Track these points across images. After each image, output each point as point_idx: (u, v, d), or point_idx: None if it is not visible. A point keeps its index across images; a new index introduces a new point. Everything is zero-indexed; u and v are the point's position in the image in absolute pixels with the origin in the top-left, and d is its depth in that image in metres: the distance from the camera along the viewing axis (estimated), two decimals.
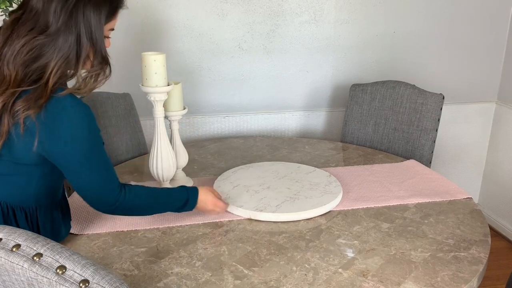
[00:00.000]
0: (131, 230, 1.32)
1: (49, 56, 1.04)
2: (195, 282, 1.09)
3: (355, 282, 1.08)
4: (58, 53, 1.04)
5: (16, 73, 1.03)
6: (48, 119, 1.03)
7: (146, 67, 1.36)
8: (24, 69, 1.03)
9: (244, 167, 1.71)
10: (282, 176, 1.61)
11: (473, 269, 1.14)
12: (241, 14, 2.22)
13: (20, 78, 1.03)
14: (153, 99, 1.40)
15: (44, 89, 1.03)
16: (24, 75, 1.03)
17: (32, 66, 1.03)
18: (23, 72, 1.03)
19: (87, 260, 0.76)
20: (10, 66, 1.02)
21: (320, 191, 1.49)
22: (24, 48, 1.02)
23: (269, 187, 1.52)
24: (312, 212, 1.38)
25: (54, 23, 1.04)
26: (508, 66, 2.55)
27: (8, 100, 1.02)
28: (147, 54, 1.37)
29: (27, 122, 1.02)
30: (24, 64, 1.03)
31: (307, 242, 1.26)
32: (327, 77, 2.40)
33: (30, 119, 1.01)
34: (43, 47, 1.03)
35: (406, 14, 2.37)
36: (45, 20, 1.04)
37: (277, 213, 1.36)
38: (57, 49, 1.04)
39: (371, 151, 2.00)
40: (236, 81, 2.32)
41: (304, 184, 1.54)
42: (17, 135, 1.04)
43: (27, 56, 1.03)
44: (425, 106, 2.04)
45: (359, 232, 1.31)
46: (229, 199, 1.43)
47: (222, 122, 2.37)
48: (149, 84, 1.37)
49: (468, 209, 1.45)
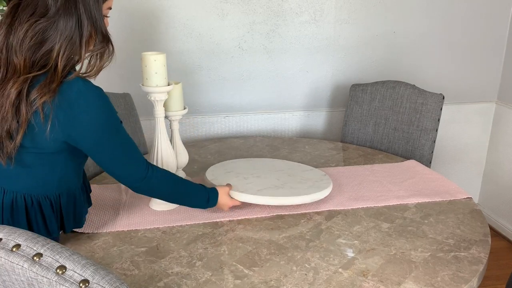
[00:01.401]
0: (131, 230, 1.32)
1: (53, 39, 1.04)
2: (195, 282, 1.09)
3: (355, 282, 1.08)
4: (61, 36, 1.05)
5: (24, 60, 1.03)
6: (64, 104, 1.04)
7: (146, 67, 1.36)
8: (32, 55, 1.04)
9: (245, 160, 1.75)
10: (277, 170, 1.62)
11: (473, 269, 1.14)
12: (241, 14, 2.22)
13: (29, 65, 1.04)
14: (154, 99, 1.40)
15: (54, 73, 1.04)
16: (32, 62, 1.04)
17: (39, 52, 1.04)
18: (31, 59, 1.04)
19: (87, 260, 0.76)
20: (18, 54, 1.03)
21: (308, 185, 1.49)
22: (28, 34, 1.03)
23: (259, 176, 1.55)
24: (290, 200, 1.40)
25: (53, 5, 1.04)
26: (508, 66, 2.55)
27: (22, 87, 1.03)
28: (147, 54, 1.37)
29: (45, 109, 1.03)
30: (30, 50, 1.04)
31: (307, 242, 1.26)
32: (327, 77, 2.40)
33: (47, 105, 1.03)
34: (45, 31, 1.04)
35: (406, 14, 2.37)
36: (44, 3, 1.04)
37: (256, 195, 1.39)
38: (59, 32, 1.05)
39: (371, 151, 2.00)
40: (236, 81, 2.32)
41: (295, 178, 1.55)
42: (38, 124, 1.05)
43: (32, 42, 1.03)
44: (425, 106, 2.04)
45: (359, 232, 1.31)
46: (216, 181, 1.48)
47: (222, 122, 2.37)
48: (150, 84, 1.38)
49: (468, 209, 1.45)
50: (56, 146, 1.09)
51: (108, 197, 1.51)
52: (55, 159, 1.12)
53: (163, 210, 1.43)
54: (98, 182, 1.64)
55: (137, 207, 1.45)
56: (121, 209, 1.44)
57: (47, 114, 1.03)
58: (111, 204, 1.47)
